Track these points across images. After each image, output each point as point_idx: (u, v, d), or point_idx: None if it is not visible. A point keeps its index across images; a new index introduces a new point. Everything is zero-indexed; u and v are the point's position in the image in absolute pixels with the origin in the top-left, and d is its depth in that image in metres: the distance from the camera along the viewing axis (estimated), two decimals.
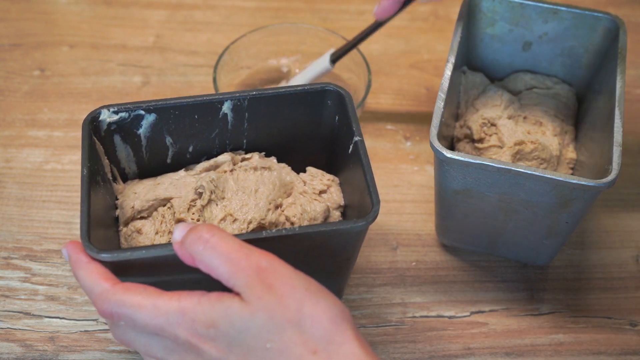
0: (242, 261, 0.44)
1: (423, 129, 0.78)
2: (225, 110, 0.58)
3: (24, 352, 0.60)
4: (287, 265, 0.45)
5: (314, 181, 0.60)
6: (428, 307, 0.64)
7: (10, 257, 0.66)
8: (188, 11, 0.90)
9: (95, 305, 0.46)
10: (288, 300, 0.43)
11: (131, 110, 0.57)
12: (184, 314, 0.44)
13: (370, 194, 0.52)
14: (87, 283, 0.47)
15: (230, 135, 0.60)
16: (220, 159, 0.60)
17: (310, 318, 0.43)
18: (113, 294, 0.46)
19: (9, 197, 0.71)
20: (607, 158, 0.57)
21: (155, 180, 0.59)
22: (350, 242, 0.54)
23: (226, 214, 0.56)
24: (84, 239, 0.49)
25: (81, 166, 0.53)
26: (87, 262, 0.48)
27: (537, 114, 0.68)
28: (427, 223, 0.70)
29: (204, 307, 0.44)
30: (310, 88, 0.58)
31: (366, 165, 0.53)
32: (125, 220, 0.58)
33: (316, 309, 0.43)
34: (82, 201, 0.51)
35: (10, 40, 0.86)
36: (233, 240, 0.45)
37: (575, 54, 0.69)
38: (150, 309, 0.44)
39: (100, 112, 0.56)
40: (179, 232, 0.46)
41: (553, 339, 0.63)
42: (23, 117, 0.78)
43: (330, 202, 0.59)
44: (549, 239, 0.61)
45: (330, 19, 0.89)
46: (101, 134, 0.56)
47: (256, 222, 0.56)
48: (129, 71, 0.83)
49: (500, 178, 0.56)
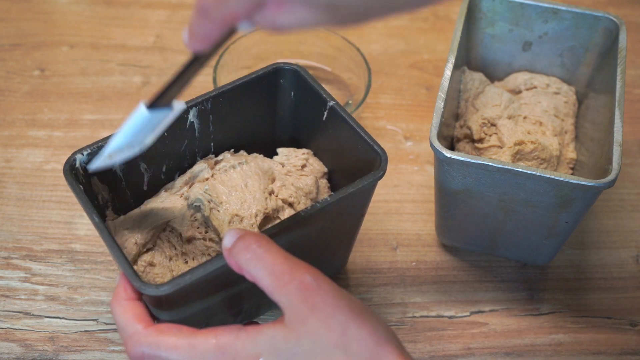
0: (285, 275, 0.43)
1: (423, 129, 0.78)
2: (192, 119, 0.58)
3: (24, 352, 0.60)
4: (331, 282, 0.44)
5: (290, 159, 0.61)
6: (428, 307, 0.64)
7: (10, 257, 0.66)
8: (188, 11, 0.90)
9: (125, 346, 0.45)
10: (333, 323, 0.42)
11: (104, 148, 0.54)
12: (224, 351, 0.43)
13: (370, 145, 0.54)
14: (120, 321, 0.46)
15: (199, 142, 0.60)
16: (196, 169, 0.59)
17: (356, 341, 0.42)
18: (146, 337, 0.44)
19: (9, 197, 0.71)
20: (607, 158, 0.57)
21: (141, 210, 0.58)
22: (364, 198, 0.56)
23: (231, 215, 0.56)
24: (131, 277, 0.47)
25: (87, 214, 0.50)
26: (125, 299, 0.47)
27: (537, 113, 0.68)
28: (427, 223, 0.70)
29: (243, 341, 0.43)
30: (264, 72, 0.59)
31: (353, 122, 0.55)
32: (133, 259, 0.56)
33: (361, 331, 0.42)
34: (110, 247, 0.48)
35: (10, 40, 0.86)
36: (278, 252, 0.44)
37: (575, 54, 0.69)
38: (187, 350, 0.43)
39: (75, 159, 0.53)
40: (229, 238, 0.45)
41: (553, 339, 0.63)
42: (23, 117, 0.78)
43: (315, 172, 0.60)
44: (549, 239, 0.61)
45: None
46: (80, 180, 0.54)
47: (261, 213, 0.56)
48: (129, 71, 0.83)
49: (500, 178, 0.56)
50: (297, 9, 0.37)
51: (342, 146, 0.57)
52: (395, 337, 0.43)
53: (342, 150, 0.57)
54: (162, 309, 0.48)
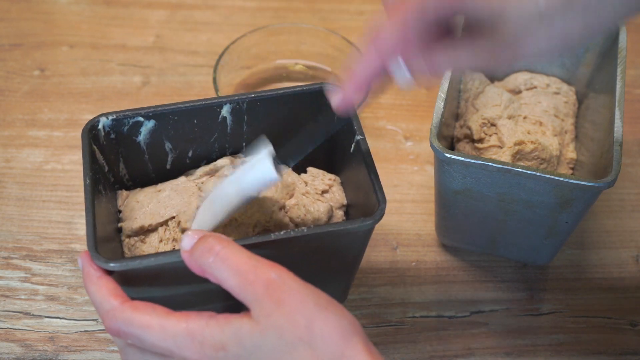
0: (250, 274, 0.43)
1: (423, 129, 0.78)
2: (224, 114, 0.58)
3: (24, 352, 0.60)
4: (296, 278, 0.44)
5: (315, 181, 0.60)
6: (428, 307, 0.64)
7: (10, 257, 0.66)
8: (188, 11, 0.90)
9: (103, 322, 0.46)
10: (297, 317, 0.42)
11: (130, 117, 0.56)
12: (192, 336, 0.43)
13: (375, 192, 0.52)
14: (96, 298, 0.47)
15: (230, 139, 0.60)
16: (219, 163, 0.59)
17: (321, 334, 0.42)
18: (121, 312, 0.45)
19: (9, 197, 0.71)
20: (607, 158, 0.57)
21: (156, 188, 0.59)
22: (357, 241, 0.54)
23: (231, 218, 0.56)
24: (91, 249, 0.48)
25: (83, 175, 0.52)
26: (98, 277, 0.47)
27: (537, 113, 0.68)
28: (427, 223, 0.70)
29: (212, 329, 0.43)
30: (309, 88, 0.58)
31: (369, 163, 0.53)
32: (129, 234, 0.57)
33: (326, 324, 0.42)
34: (87, 212, 0.50)
35: (10, 40, 0.86)
36: (242, 252, 0.44)
37: (575, 54, 0.69)
38: (158, 330, 0.44)
39: (98, 120, 0.55)
40: (188, 240, 0.45)
41: (553, 339, 0.63)
42: (23, 117, 0.78)
43: (333, 201, 0.59)
44: (549, 239, 0.61)
45: (330, 19, 0.89)
46: (100, 142, 0.56)
47: (261, 225, 0.56)
48: (129, 71, 0.83)
49: (500, 178, 0.56)
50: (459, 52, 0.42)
51: (358, 183, 0.56)
52: (362, 330, 0.44)
53: (358, 187, 0.56)
54: (121, 284, 0.49)
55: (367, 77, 0.46)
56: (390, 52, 0.44)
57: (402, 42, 0.44)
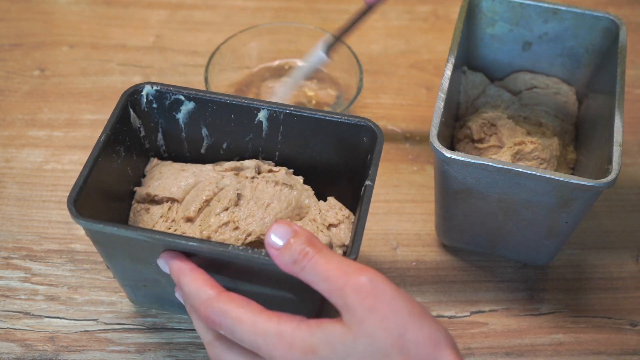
0: (339, 280, 0.43)
1: (423, 129, 0.78)
2: (261, 118, 0.58)
3: (24, 352, 0.60)
4: (388, 282, 0.43)
5: (329, 212, 0.58)
6: (428, 307, 0.64)
7: (10, 257, 0.66)
8: (188, 11, 0.90)
9: (198, 310, 0.46)
10: (391, 325, 0.42)
11: (172, 93, 0.58)
12: (282, 337, 0.43)
13: (352, 242, 0.50)
14: (192, 289, 0.47)
15: (264, 144, 0.60)
16: (245, 164, 0.60)
17: (414, 343, 0.42)
18: (217, 302, 0.46)
19: (9, 197, 0.71)
20: (607, 158, 0.57)
21: (182, 166, 0.60)
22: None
23: (230, 220, 0.56)
24: (69, 201, 0.49)
25: (101, 133, 0.54)
26: (190, 269, 0.48)
27: (537, 114, 0.68)
28: (427, 223, 0.70)
29: (302, 332, 0.43)
30: (347, 119, 0.57)
31: (363, 212, 0.52)
32: (138, 199, 0.59)
33: (420, 333, 0.42)
34: (86, 164, 0.52)
35: (10, 40, 0.86)
36: (332, 256, 0.44)
37: (575, 54, 0.69)
38: (250, 325, 0.44)
39: (143, 87, 0.58)
40: (279, 236, 0.45)
41: (553, 339, 0.63)
42: (23, 117, 0.78)
43: (336, 238, 0.58)
44: (549, 239, 0.61)
45: (330, 19, 0.89)
46: (142, 107, 0.58)
47: (255, 235, 0.56)
48: (129, 71, 0.83)
49: (500, 178, 0.56)
50: None
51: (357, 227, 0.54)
52: (452, 340, 0.43)
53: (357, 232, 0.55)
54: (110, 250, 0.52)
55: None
56: None
57: None
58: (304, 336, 0.43)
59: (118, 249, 0.52)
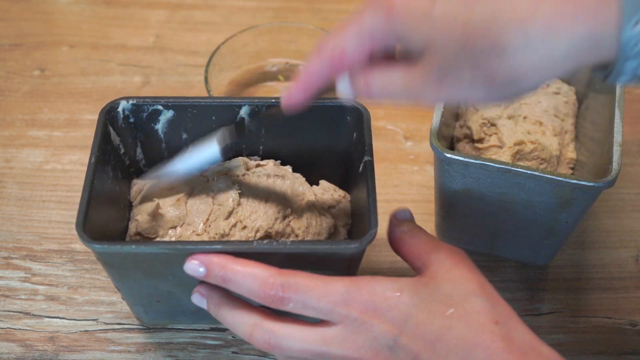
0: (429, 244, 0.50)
1: (423, 129, 0.78)
2: (243, 115, 0.58)
3: (24, 352, 0.60)
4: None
5: (324, 195, 0.59)
6: None
7: (10, 257, 0.66)
8: (188, 11, 0.90)
9: (259, 291, 0.46)
10: (472, 277, 0.46)
11: (150, 104, 0.57)
12: (360, 287, 0.45)
13: (370, 215, 0.51)
14: (247, 273, 0.47)
15: (247, 140, 0.60)
16: (233, 163, 0.59)
17: (493, 296, 0.46)
18: (281, 276, 0.46)
19: (9, 197, 0.71)
20: (607, 158, 0.57)
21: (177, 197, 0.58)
22: (344, 262, 0.52)
23: (237, 220, 0.56)
24: (78, 229, 0.49)
25: (90, 154, 0.53)
26: (234, 258, 0.48)
27: (537, 113, 0.68)
28: (427, 223, 0.70)
29: (382, 282, 0.46)
30: (329, 103, 0.57)
31: (371, 186, 0.53)
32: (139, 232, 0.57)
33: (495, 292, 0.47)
34: (85, 188, 0.51)
35: (10, 40, 0.86)
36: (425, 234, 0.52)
37: None
38: (323, 287, 0.45)
39: (118, 103, 0.56)
40: (402, 213, 0.55)
41: (553, 339, 0.63)
42: (23, 117, 0.78)
43: (338, 218, 0.58)
44: (549, 239, 0.61)
45: (330, 19, 0.89)
46: (119, 124, 0.57)
47: (263, 230, 0.56)
48: (129, 71, 0.83)
49: (500, 178, 0.56)
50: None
51: (360, 203, 0.55)
52: None
53: (360, 207, 0.55)
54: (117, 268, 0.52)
55: (314, 82, 0.46)
56: (338, 66, 0.44)
57: (350, 57, 0.43)
58: (385, 284, 0.46)
59: (131, 268, 0.52)
